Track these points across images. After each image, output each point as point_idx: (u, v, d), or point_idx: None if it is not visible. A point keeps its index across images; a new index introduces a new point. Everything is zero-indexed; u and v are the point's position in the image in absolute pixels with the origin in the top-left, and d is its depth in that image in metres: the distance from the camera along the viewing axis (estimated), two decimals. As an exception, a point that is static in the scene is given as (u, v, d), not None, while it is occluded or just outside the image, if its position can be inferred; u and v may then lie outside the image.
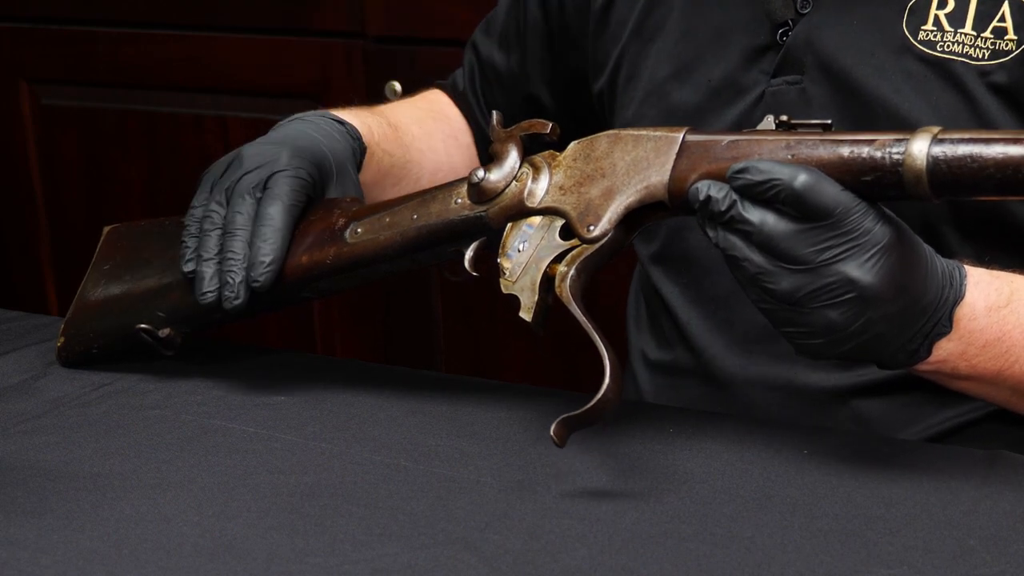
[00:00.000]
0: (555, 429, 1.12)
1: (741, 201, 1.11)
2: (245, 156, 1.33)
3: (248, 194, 1.30)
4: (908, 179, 1.09)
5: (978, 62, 1.34)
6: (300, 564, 1.06)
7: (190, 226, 1.33)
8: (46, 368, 1.41)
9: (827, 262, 1.10)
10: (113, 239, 1.43)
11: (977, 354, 1.19)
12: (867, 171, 1.10)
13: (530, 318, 1.19)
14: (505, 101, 1.61)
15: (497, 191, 1.22)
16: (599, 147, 1.20)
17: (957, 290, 1.17)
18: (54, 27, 2.76)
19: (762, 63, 1.41)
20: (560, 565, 1.06)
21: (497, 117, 1.26)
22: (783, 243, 1.10)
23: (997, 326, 1.18)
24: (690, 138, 1.16)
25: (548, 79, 1.59)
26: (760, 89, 1.40)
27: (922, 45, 1.35)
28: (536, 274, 1.19)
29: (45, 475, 1.20)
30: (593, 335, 1.15)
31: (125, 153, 2.75)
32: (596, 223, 1.18)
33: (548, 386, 1.49)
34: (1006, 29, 1.33)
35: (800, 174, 1.09)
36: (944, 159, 1.08)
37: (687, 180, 1.15)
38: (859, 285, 1.10)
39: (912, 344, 1.16)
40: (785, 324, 1.13)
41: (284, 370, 1.40)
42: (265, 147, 1.34)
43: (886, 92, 1.35)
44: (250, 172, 1.31)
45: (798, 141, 1.13)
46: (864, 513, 1.12)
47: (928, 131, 1.10)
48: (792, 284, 1.11)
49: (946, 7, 1.35)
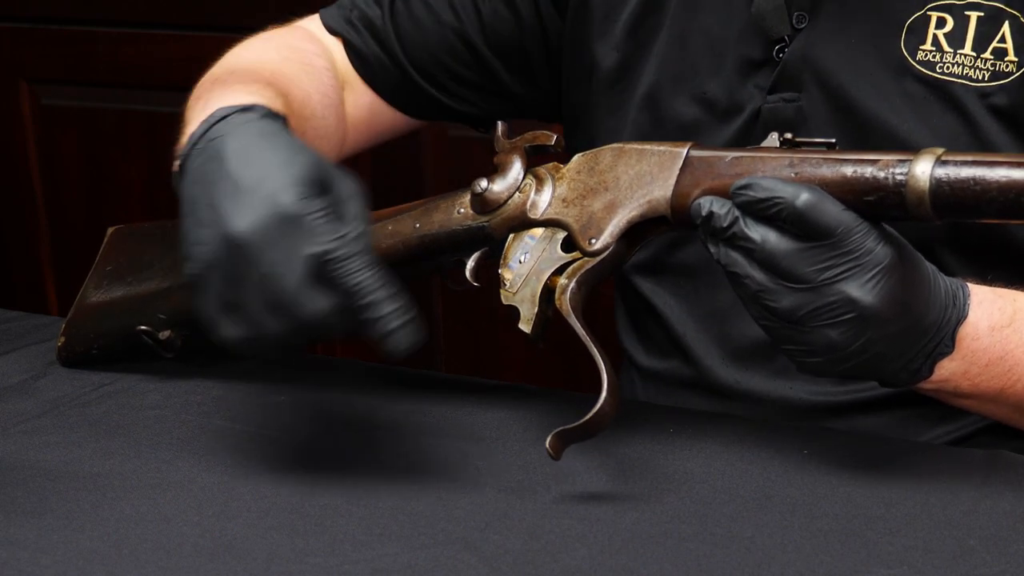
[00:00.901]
0: (551, 442, 1.12)
1: (743, 218, 1.11)
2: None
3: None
4: (911, 200, 1.09)
5: (978, 84, 1.33)
6: (300, 564, 1.06)
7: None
8: (46, 368, 1.41)
9: (828, 281, 1.09)
10: (116, 241, 1.43)
11: (979, 373, 1.18)
12: (870, 191, 1.10)
13: (529, 330, 1.18)
14: (432, 44, 1.51)
15: (500, 202, 1.22)
16: (603, 160, 1.20)
17: (960, 310, 1.16)
18: (54, 27, 2.76)
19: (757, 78, 1.39)
20: (560, 565, 1.06)
21: (502, 128, 1.26)
22: (784, 261, 1.10)
23: (1000, 345, 1.18)
24: (694, 153, 1.16)
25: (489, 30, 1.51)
26: (756, 105, 1.39)
27: (921, 66, 1.34)
28: (537, 286, 1.19)
29: (45, 475, 1.20)
30: (592, 348, 1.14)
31: (125, 153, 2.75)
32: (598, 236, 1.18)
33: (548, 386, 1.49)
34: (1006, 50, 1.32)
35: (802, 193, 1.09)
36: (947, 181, 1.08)
37: (690, 195, 1.15)
38: (859, 305, 1.10)
39: (914, 363, 1.16)
40: (786, 342, 1.13)
41: (284, 370, 1.40)
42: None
43: (885, 113, 1.34)
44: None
45: (802, 159, 1.12)
46: (864, 513, 1.12)
47: (932, 152, 1.09)
48: (793, 303, 1.10)
49: (945, 27, 1.33)
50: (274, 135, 1.17)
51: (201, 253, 1.12)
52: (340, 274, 1.09)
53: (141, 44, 2.69)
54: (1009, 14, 1.32)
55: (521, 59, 1.51)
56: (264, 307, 1.10)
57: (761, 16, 1.37)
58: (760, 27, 1.37)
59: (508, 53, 1.50)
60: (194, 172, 1.17)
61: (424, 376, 1.44)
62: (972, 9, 1.33)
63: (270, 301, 1.09)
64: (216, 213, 1.11)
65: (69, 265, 2.85)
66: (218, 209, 1.11)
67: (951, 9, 1.33)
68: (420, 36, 1.51)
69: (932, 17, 1.34)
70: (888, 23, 1.35)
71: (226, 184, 1.12)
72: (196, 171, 1.17)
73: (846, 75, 1.36)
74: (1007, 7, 1.32)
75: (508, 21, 1.49)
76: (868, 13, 1.36)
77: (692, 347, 1.46)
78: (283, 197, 1.09)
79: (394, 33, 1.51)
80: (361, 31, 1.52)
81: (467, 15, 1.49)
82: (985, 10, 1.33)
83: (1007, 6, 1.32)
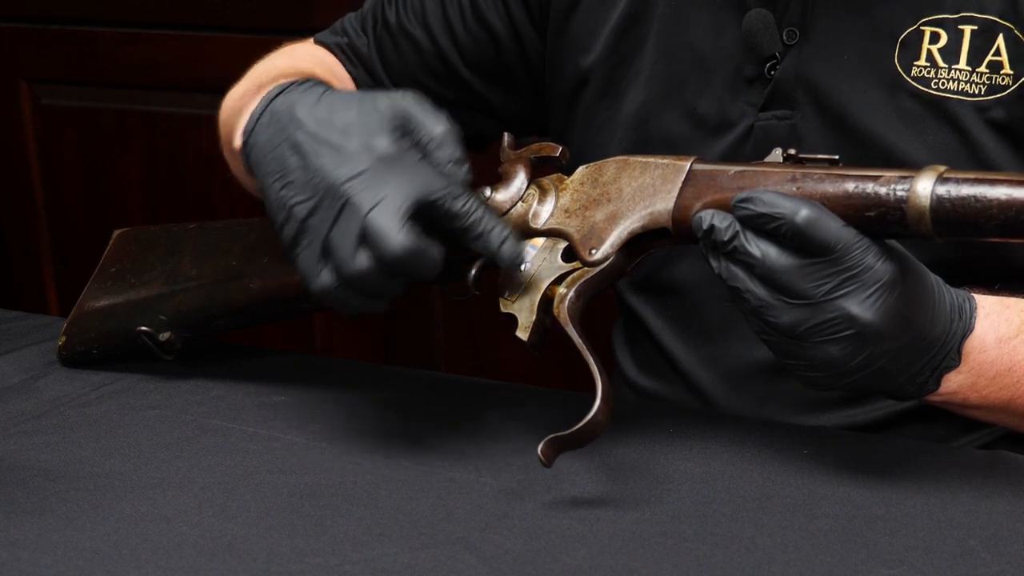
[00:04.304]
0: (542, 449, 1.12)
1: (744, 232, 1.10)
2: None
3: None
4: (911, 216, 1.09)
5: (974, 98, 1.32)
6: (300, 564, 1.06)
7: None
8: (46, 368, 1.41)
9: (827, 298, 1.09)
10: (122, 243, 1.43)
11: (987, 385, 1.18)
12: (871, 207, 1.10)
13: (526, 337, 1.18)
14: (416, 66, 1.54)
15: (502, 211, 1.23)
16: (607, 172, 1.20)
17: (966, 323, 1.16)
18: (54, 27, 2.76)
19: (749, 95, 1.38)
20: (560, 565, 1.06)
21: (508, 139, 1.26)
22: (784, 277, 1.09)
23: (1008, 357, 1.18)
24: (697, 167, 1.16)
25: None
26: (748, 123, 1.38)
27: (916, 82, 1.33)
28: (536, 295, 1.19)
29: (45, 475, 1.20)
30: (587, 357, 1.14)
31: (125, 153, 2.75)
32: (599, 247, 1.18)
33: (548, 386, 1.49)
34: (1002, 63, 1.32)
35: (802, 208, 1.08)
36: (948, 198, 1.08)
37: (692, 208, 1.15)
38: (859, 322, 1.09)
39: (920, 377, 1.15)
40: (788, 356, 1.13)
41: (284, 370, 1.40)
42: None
43: (880, 130, 1.34)
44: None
45: (804, 174, 1.12)
46: (864, 513, 1.12)
47: (934, 169, 1.09)
48: (793, 318, 1.10)
49: (939, 42, 1.33)
50: (338, 93, 1.21)
51: (301, 211, 1.15)
52: (451, 213, 1.15)
53: (141, 44, 2.69)
54: (1003, 27, 1.32)
55: (502, 75, 1.51)
56: (355, 241, 1.13)
57: (751, 33, 1.36)
58: (750, 44, 1.37)
59: (488, 71, 1.51)
60: (267, 143, 1.20)
61: (424, 376, 1.44)
62: (966, 23, 1.32)
63: (361, 234, 1.12)
64: (312, 171, 1.15)
65: (69, 265, 2.85)
66: (313, 166, 1.15)
67: (944, 23, 1.33)
68: (401, 62, 1.53)
69: (926, 32, 1.33)
70: (881, 39, 1.34)
71: (313, 143, 1.16)
72: (268, 142, 1.20)
73: (839, 92, 1.35)
74: (1000, 19, 1.32)
75: (485, 42, 1.50)
76: (861, 29, 1.35)
77: (683, 367, 1.46)
78: (378, 143, 1.15)
79: (379, 60, 1.54)
80: (351, 56, 1.55)
81: (443, 37, 1.51)
82: (979, 23, 1.32)
83: (1000, 19, 1.32)
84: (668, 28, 1.41)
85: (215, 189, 2.64)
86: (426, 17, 1.51)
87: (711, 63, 1.39)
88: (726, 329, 1.41)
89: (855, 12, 1.35)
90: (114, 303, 1.39)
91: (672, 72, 1.41)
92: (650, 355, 1.50)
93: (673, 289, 1.45)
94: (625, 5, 1.43)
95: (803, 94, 1.36)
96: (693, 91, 1.40)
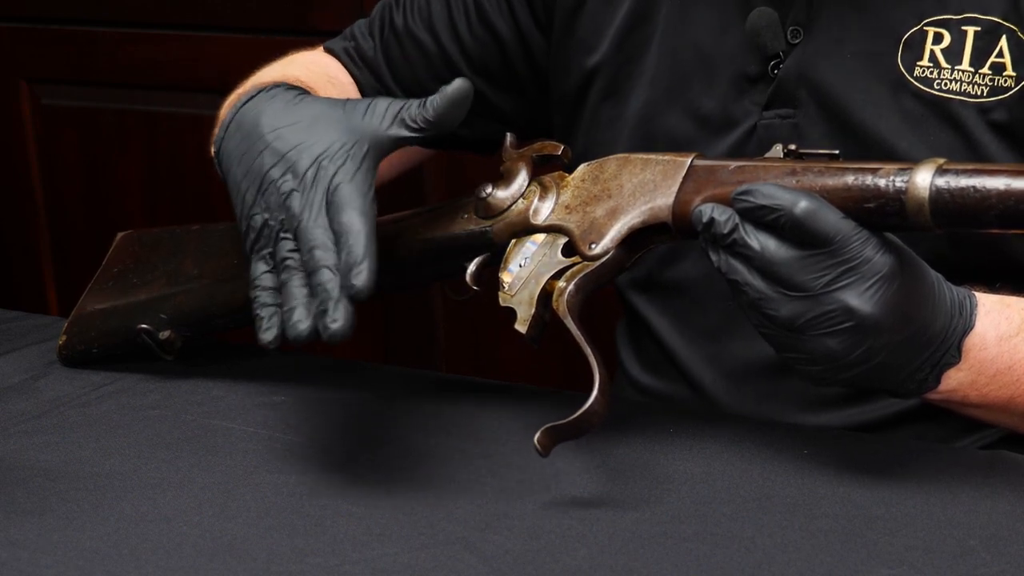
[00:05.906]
0: (539, 438, 1.12)
1: (743, 225, 1.11)
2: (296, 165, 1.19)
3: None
4: (910, 208, 1.09)
5: (977, 99, 1.32)
6: (300, 564, 1.06)
7: (259, 287, 1.18)
8: (46, 368, 1.41)
9: (826, 290, 1.09)
10: (125, 245, 1.43)
11: (987, 383, 1.18)
12: (870, 198, 1.10)
13: (525, 330, 1.19)
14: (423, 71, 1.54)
15: (503, 207, 1.23)
16: (608, 169, 1.20)
17: (967, 320, 1.16)
18: (54, 27, 2.76)
19: (753, 94, 1.38)
20: (560, 565, 1.06)
21: (510, 139, 1.26)
22: (783, 269, 1.09)
23: (1008, 355, 1.18)
24: (698, 163, 1.17)
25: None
26: (752, 122, 1.38)
27: (918, 83, 1.33)
28: (535, 288, 1.19)
29: (45, 475, 1.20)
30: (586, 349, 1.15)
31: (125, 153, 2.75)
32: (598, 241, 1.18)
33: (548, 386, 1.49)
34: (1004, 65, 1.32)
35: (801, 200, 1.09)
36: (947, 189, 1.08)
37: (692, 203, 1.15)
38: (858, 314, 1.09)
39: (920, 373, 1.15)
40: (787, 349, 1.13)
41: (284, 370, 1.40)
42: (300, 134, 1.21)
43: (882, 130, 1.34)
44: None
45: (804, 168, 1.12)
46: (864, 513, 1.12)
47: (933, 162, 1.09)
48: (792, 311, 1.10)
49: (942, 42, 1.33)
50: (306, 101, 1.24)
51: (258, 221, 1.18)
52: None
53: (141, 44, 2.69)
54: (1006, 28, 1.31)
55: (507, 79, 1.51)
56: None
57: (755, 31, 1.36)
58: (754, 43, 1.37)
59: (493, 75, 1.51)
60: (234, 151, 1.23)
61: (424, 376, 1.44)
62: (969, 24, 1.32)
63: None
64: (268, 182, 1.18)
65: (69, 265, 2.85)
66: (269, 177, 1.19)
67: (948, 24, 1.33)
68: (407, 66, 1.53)
69: (929, 32, 1.33)
70: (884, 39, 1.34)
71: (271, 155, 1.19)
72: (235, 149, 1.23)
73: (842, 92, 1.35)
74: (1004, 21, 1.31)
75: (490, 45, 1.50)
76: (864, 28, 1.35)
77: (685, 365, 1.46)
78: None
79: (385, 63, 1.54)
80: (356, 59, 1.55)
81: (448, 42, 1.51)
82: (982, 25, 1.32)
83: (1004, 20, 1.32)
84: (673, 27, 1.41)
85: (215, 189, 2.64)
86: (432, 21, 1.52)
87: (715, 62, 1.39)
88: (727, 328, 1.41)
89: (859, 11, 1.35)
90: (115, 303, 1.40)
91: (676, 71, 1.41)
92: (653, 354, 1.50)
93: (675, 288, 1.45)
94: (630, 5, 1.43)
95: (806, 93, 1.36)
96: (697, 90, 1.40)
